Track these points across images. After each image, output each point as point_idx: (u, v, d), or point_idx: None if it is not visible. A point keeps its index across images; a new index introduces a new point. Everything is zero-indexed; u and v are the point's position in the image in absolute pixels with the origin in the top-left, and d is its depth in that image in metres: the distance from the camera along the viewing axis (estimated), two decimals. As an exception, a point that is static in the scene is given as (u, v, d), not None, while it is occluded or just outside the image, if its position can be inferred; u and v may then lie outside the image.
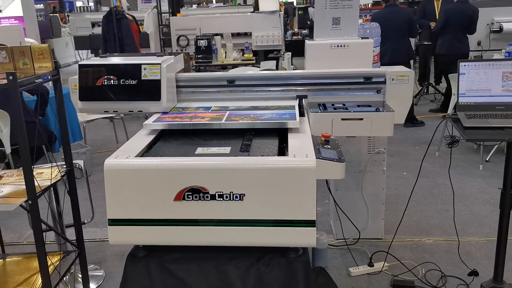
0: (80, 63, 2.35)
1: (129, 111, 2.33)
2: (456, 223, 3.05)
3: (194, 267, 1.82)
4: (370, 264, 2.89)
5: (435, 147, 4.96)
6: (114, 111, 2.36)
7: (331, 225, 3.39)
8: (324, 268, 2.84)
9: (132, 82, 2.28)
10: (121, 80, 2.28)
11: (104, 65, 2.31)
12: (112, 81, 2.28)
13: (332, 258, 3.03)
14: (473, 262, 2.91)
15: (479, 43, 7.01)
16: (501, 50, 5.68)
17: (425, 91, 7.55)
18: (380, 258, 2.93)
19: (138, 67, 2.28)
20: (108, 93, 2.29)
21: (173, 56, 2.52)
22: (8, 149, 3.47)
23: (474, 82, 2.36)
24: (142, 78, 2.27)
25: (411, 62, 6.35)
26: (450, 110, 5.28)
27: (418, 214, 3.63)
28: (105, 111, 2.37)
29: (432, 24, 6.75)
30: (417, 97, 7.37)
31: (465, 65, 2.36)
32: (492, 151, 4.79)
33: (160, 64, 2.28)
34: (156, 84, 2.27)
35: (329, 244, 3.05)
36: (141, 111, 2.32)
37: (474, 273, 2.69)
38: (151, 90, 2.27)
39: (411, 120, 6.05)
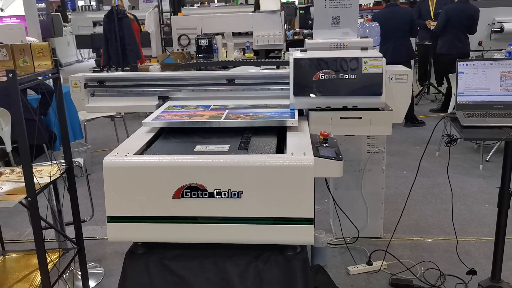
0: (295, 57, 2.22)
1: (343, 107, 2.21)
2: (455, 223, 3.06)
3: (193, 264, 1.83)
4: (369, 263, 2.90)
5: (435, 147, 4.96)
6: (327, 107, 2.23)
7: (331, 224, 3.39)
8: (323, 266, 2.84)
9: (352, 76, 2.17)
10: (340, 74, 2.18)
11: (321, 59, 2.20)
12: (330, 75, 2.18)
13: (331, 257, 3.03)
14: (472, 261, 2.92)
15: (480, 43, 7.00)
16: (501, 50, 5.68)
17: (426, 91, 7.55)
18: (379, 257, 2.94)
19: (358, 60, 2.18)
20: (325, 88, 2.18)
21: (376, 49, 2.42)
22: (8, 147, 3.48)
23: (472, 81, 2.36)
24: (363, 72, 2.17)
25: (412, 61, 6.35)
26: (450, 110, 5.28)
27: (417, 213, 3.64)
28: (317, 107, 2.25)
29: (428, 23, 6.74)
30: (418, 97, 7.37)
31: (463, 65, 2.37)
32: (492, 151, 4.79)
33: (382, 57, 2.18)
34: (378, 78, 2.16)
35: (328, 243, 3.06)
36: (356, 106, 2.21)
37: (472, 272, 2.70)
38: (372, 85, 2.17)
39: (412, 120, 6.05)
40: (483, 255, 3.02)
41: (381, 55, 2.23)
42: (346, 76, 2.20)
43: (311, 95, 2.23)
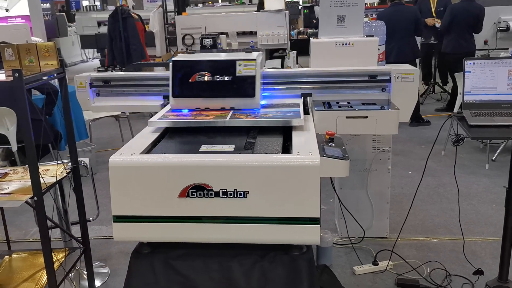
0: (173, 59, 2.30)
1: (221, 108, 2.26)
2: (461, 222, 3.04)
3: (199, 264, 1.82)
4: (375, 263, 2.89)
5: (441, 146, 4.94)
6: (206, 108, 2.28)
7: (336, 223, 3.38)
8: (329, 266, 2.84)
9: (226, 78, 2.23)
10: (215, 76, 2.24)
11: (198, 62, 2.27)
12: (206, 77, 2.24)
13: (337, 257, 3.02)
14: (479, 261, 2.90)
15: (485, 42, 6.96)
16: (507, 49, 5.65)
17: (431, 90, 7.52)
18: (385, 257, 2.92)
19: (233, 63, 2.24)
20: (201, 89, 2.24)
21: (260, 52, 2.48)
22: (14, 146, 3.49)
23: (479, 80, 2.35)
24: (237, 74, 2.23)
25: (417, 60, 6.32)
26: (456, 109, 5.26)
27: (423, 213, 3.62)
28: (196, 108, 2.30)
29: (428, 21, 6.70)
30: (423, 96, 7.34)
31: (470, 63, 2.35)
32: (499, 150, 4.77)
33: (255, 60, 2.24)
34: (251, 80, 2.22)
35: (333, 243, 3.05)
36: (233, 108, 2.25)
37: (479, 272, 2.68)
38: (246, 87, 2.22)
39: (417, 119, 6.03)
40: (490, 255, 3.00)
41: (254, 57, 2.27)
42: (221, 78, 2.25)
43: (189, 96, 2.28)
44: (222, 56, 2.39)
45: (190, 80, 2.26)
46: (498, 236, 3.07)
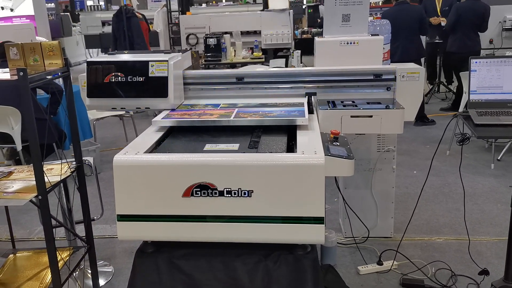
0: (88, 60, 2.37)
1: (137, 108, 2.34)
2: (466, 222, 3.03)
3: (202, 263, 1.82)
4: (379, 263, 2.87)
5: (446, 146, 4.91)
6: (121, 108, 2.37)
7: (340, 223, 3.37)
8: (333, 266, 2.83)
9: (140, 79, 2.28)
10: (129, 77, 2.29)
11: (112, 62, 2.32)
12: (120, 78, 2.29)
13: (341, 256, 3.01)
14: (484, 261, 2.88)
15: (491, 41, 6.93)
16: (513, 48, 5.62)
17: (436, 89, 7.49)
18: (390, 256, 2.91)
19: (145, 64, 2.29)
20: (116, 90, 2.30)
21: (180, 53, 2.52)
22: (19, 146, 3.50)
23: (485, 79, 2.33)
24: (150, 75, 2.28)
25: (422, 60, 6.30)
26: (461, 109, 5.23)
27: (428, 213, 3.60)
28: (112, 108, 2.39)
29: (432, 20, 6.67)
30: (428, 96, 7.31)
31: (476, 62, 2.33)
32: (504, 149, 4.74)
33: (167, 61, 2.28)
34: (163, 81, 2.28)
35: (338, 242, 3.04)
36: (148, 108, 2.33)
37: (484, 272, 2.66)
38: (159, 87, 2.28)
39: (422, 118, 6.00)
40: (495, 255, 2.98)
41: (167, 59, 2.30)
42: (134, 79, 2.28)
43: (105, 97, 2.32)
44: (136, 57, 2.42)
45: (104, 81, 2.30)
46: (503, 236, 3.05)
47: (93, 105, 2.38)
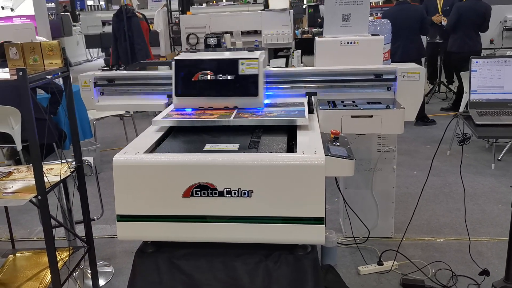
0: (176, 58, 2.28)
1: (225, 107, 2.24)
2: (467, 222, 3.02)
3: (203, 263, 1.82)
4: (380, 263, 2.87)
5: (446, 146, 4.91)
6: (209, 107, 2.26)
7: (341, 223, 3.37)
8: (333, 266, 2.82)
9: (229, 77, 2.21)
10: (218, 76, 2.22)
11: (201, 60, 2.25)
12: (209, 76, 2.22)
13: (341, 257, 3.01)
14: (484, 261, 2.88)
15: (491, 41, 6.92)
16: (514, 48, 5.61)
17: (437, 89, 7.48)
18: (390, 257, 2.91)
19: (235, 62, 2.22)
20: (204, 88, 2.22)
21: (263, 51, 2.47)
22: (19, 145, 3.49)
23: (486, 79, 2.33)
24: (240, 73, 2.21)
25: (423, 59, 6.29)
26: (461, 108, 5.22)
27: (428, 213, 3.60)
28: (200, 107, 2.28)
29: (434, 18, 6.65)
30: (429, 96, 7.31)
31: (477, 62, 2.33)
32: (505, 150, 4.73)
33: (258, 58, 2.22)
34: (254, 79, 2.20)
35: (338, 243, 3.03)
36: (237, 107, 2.24)
37: (485, 272, 2.66)
38: (249, 86, 2.20)
39: (422, 118, 6.00)
40: (496, 255, 2.97)
41: (257, 56, 2.24)
42: (224, 77, 2.23)
43: (192, 95, 2.26)
44: (225, 54, 2.38)
45: (192, 79, 2.25)
46: (504, 236, 3.04)
47: (180, 104, 2.29)
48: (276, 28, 6.55)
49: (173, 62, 2.28)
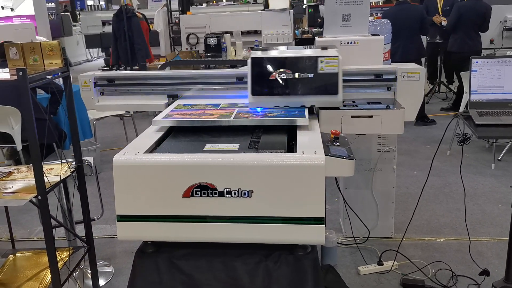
0: (252, 56, 2.23)
1: (301, 106, 2.21)
2: (467, 222, 3.02)
3: (203, 263, 1.82)
4: (380, 263, 2.87)
5: (446, 146, 4.91)
6: (285, 106, 2.21)
7: (341, 223, 3.37)
8: (333, 266, 2.82)
9: (308, 75, 2.17)
10: (296, 74, 2.18)
11: (278, 58, 2.22)
12: (286, 74, 2.18)
13: (341, 257, 3.01)
14: (485, 261, 2.88)
15: (491, 41, 6.92)
16: (514, 48, 5.61)
17: (437, 89, 7.48)
18: (390, 257, 2.91)
19: (314, 59, 2.18)
20: (281, 87, 2.19)
21: (337, 48, 2.44)
22: (19, 145, 3.49)
23: (486, 79, 2.32)
24: (319, 71, 2.17)
25: (423, 59, 6.29)
26: (461, 108, 5.22)
27: (428, 213, 3.60)
28: (275, 106, 2.24)
29: (434, 18, 6.66)
30: (429, 96, 7.31)
31: (477, 62, 2.33)
32: (505, 150, 4.73)
33: (338, 56, 2.19)
34: (334, 78, 2.16)
35: (338, 243, 3.03)
36: (314, 105, 2.22)
37: (485, 272, 2.66)
38: (329, 84, 2.17)
39: (422, 118, 6.00)
40: (496, 255, 2.97)
41: (337, 54, 2.21)
42: (302, 76, 2.19)
43: (269, 94, 2.22)
44: (303, 53, 2.30)
45: (270, 78, 2.20)
46: (504, 237, 3.05)
47: (256, 103, 2.24)
48: (276, 28, 6.56)
49: (249, 61, 2.23)
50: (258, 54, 2.30)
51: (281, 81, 2.19)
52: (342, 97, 2.21)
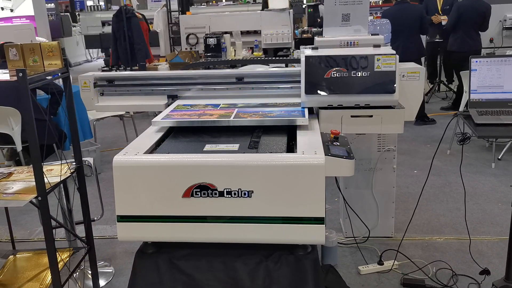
0: (306, 54, 2.21)
1: (355, 105, 2.19)
2: (467, 222, 3.02)
3: (203, 264, 1.82)
4: (380, 263, 2.87)
5: (446, 145, 4.91)
6: (339, 105, 2.20)
7: (341, 223, 3.37)
8: (334, 266, 2.82)
9: (364, 74, 2.15)
10: (352, 72, 2.16)
11: (333, 56, 2.18)
12: (342, 73, 2.16)
13: (342, 257, 3.01)
14: (485, 261, 2.88)
15: (491, 40, 6.92)
16: (513, 47, 5.61)
17: (437, 88, 7.48)
18: (390, 256, 2.91)
19: (371, 58, 2.16)
20: (337, 86, 2.16)
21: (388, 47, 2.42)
22: (19, 146, 3.49)
23: (486, 78, 2.32)
24: (375, 69, 2.15)
25: (422, 59, 6.29)
26: (461, 108, 5.22)
27: (429, 213, 3.60)
28: (329, 105, 2.23)
29: (434, 17, 6.65)
30: (429, 95, 7.30)
31: (476, 61, 2.33)
32: (505, 149, 4.73)
33: (395, 54, 2.17)
34: (391, 76, 2.14)
35: (338, 242, 3.03)
36: (368, 104, 2.20)
37: (485, 272, 2.66)
38: (386, 83, 2.14)
39: (422, 118, 6.00)
40: (496, 255, 2.97)
41: (394, 52, 2.19)
42: (358, 74, 2.16)
43: (323, 93, 2.20)
44: (358, 50, 2.27)
45: (325, 76, 2.18)
46: (504, 236, 3.05)
47: (310, 102, 2.22)
48: (275, 28, 6.55)
49: (302, 59, 2.21)
50: (310, 52, 2.25)
51: (335, 80, 2.15)
52: (398, 96, 2.18)
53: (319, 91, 2.20)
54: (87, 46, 11.76)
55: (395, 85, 2.15)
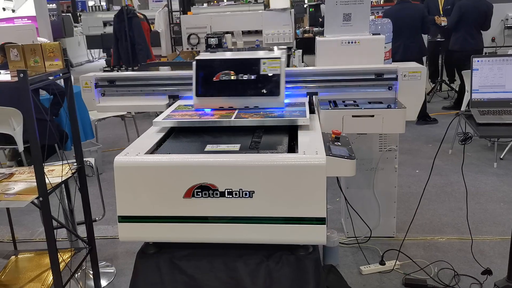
0: (196, 58, 2.27)
1: (245, 107, 2.23)
2: (469, 222, 3.01)
3: (204, 264, 1.81)
4: (382, 263, 2.87)
5: (448, 145, 4.90)
6: (229, 107, 2.24)
7: (342, 223, 3.36)
8: (335, 266, 2.82)
9: (251, 77, 2.20)
10: (239, 75, 2.21)
11: (222, 60, 2.24)
12: (230, 76, 2.21)
13: (343, 257, 3.01)
14: (487, 261, 2.87)
15: (493, 39, 6.90)
16: (515, 46, 5.60)
17: (438, 88, 7.47)
18: (392, 256, 2.90)
19: (257, 61, 2.20)
20: (225, 88, 2.21)
21: (283, 50, 2.46)
22: (20, 147, 3.50)
23: (487, 78, 2.32)
24: (261, 72, 2.20)
25: (424, 58, 6.28)
26: (463, 107, 5.22)
27: (430, 212, 3.59)
28: (220, 107, 2.25)
29: (437, 18, 6.64)
30: (430, 95, 7.29)
31: (478, 61, 2.32)
32: (507, 148, 4.72)
33: (280, 58, 2.21)
34: (276, 79, 2.19)
35: (340, 242, 3.03)
36: (257, 106, 2.23)
37: (487, 272, 2.65)
38: (271, 86, 2.19)
39: (424, 117, 5.99)
40: (498, 254, 2.96)
41: (279, 56, 2.22)
42: (245, 77, 2.21)
43: (213, 95, 2.24)
44: (246, 54, 2.35)
45: (214, 79, 2.22)
46: (506, 235, 3.04)
47: (201, 104, 2.26)
48: (277, 28, 6.55)
49: (194, 62, 2.26)
50: (204, 56, 2.33)
51: (225, 83, 2.22)
52: (283, 98, 2.22)
53: (209, 94, 2.24)
54: (88, 47, 11.76)
55: (280, 88, 2.19)
